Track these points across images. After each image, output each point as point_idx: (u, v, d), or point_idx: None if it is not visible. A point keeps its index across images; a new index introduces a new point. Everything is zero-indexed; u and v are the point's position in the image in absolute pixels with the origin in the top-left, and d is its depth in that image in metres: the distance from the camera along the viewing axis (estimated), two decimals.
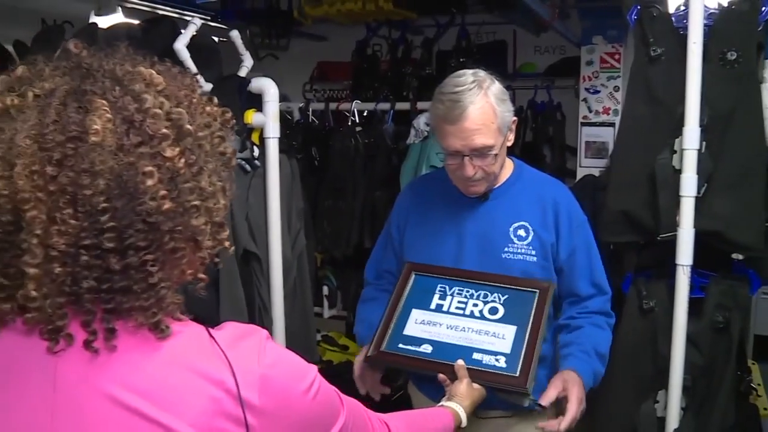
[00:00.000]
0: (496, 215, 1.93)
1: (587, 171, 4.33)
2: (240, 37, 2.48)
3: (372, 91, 4.41)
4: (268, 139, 2.23)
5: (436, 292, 1.89)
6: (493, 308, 1.85)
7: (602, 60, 4.38)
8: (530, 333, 1.78)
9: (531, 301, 1.83)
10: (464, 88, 1.78)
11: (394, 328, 1.86)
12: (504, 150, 1.89)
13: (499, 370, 1.74)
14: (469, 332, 1.81)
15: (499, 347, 1.78)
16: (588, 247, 1.97)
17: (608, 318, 1.99)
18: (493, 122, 1.79)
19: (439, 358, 1.78)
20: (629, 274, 2.59)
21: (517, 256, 1.90)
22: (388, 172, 3.44)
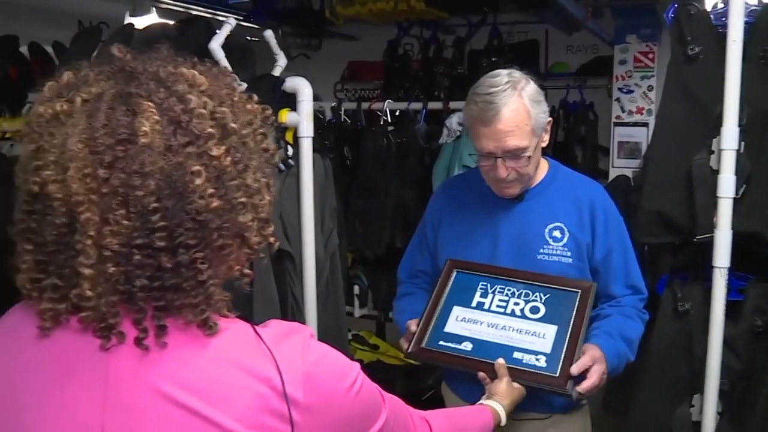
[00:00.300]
0: (531, 216, 1.92)
1: (620, 171, 4.29)
2: (274, 37, 2.48)
3: (403, 90, 4.41)
4: (302, 138, 2.22)
5: (478, 289, 1.88)
6: (534, 307, 1.84)
7: (636, 59, 4.34)
8: (571, 333, 1.77)
9: (573, 301, 1.82)
10: (498, 89, 1.76)
11: (435, 325, 1.86)
12: (538, 151, 1.87)
13: (539, 370, 1.74)
14: (510, 331, 1.81)
15: (539, 347, 1.77)
16: (624, 248, 1.95)
17: (641, 312, 1.96)
18: (526, 124, 1.77)
19: (479, 356, 1.78)
20: (664, 275, 2.56)
21: (552, 257, 1.89)
22: (420, 171, 3.43)
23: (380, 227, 3.46)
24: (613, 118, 4.46)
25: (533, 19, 4.74)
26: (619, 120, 4.43)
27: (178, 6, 4.20)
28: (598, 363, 1.76)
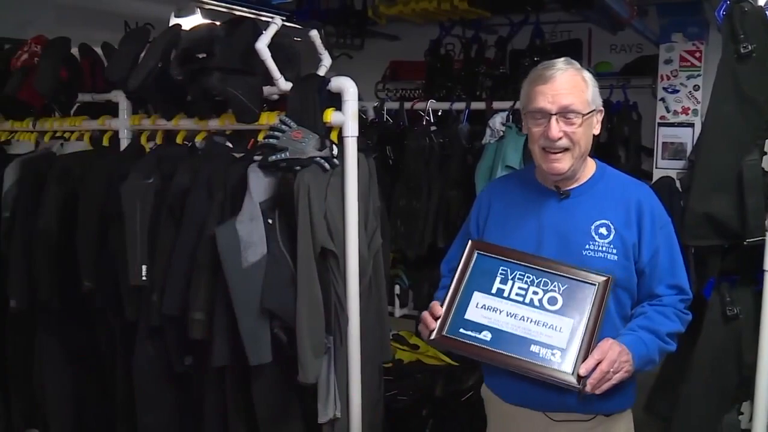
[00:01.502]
0: (577, 213, 1.91)
1: (664, 173, 4.23)
2: (319, 37, 2.48)
3: (445, 90, 4.39)
4: (347, 138, 2.22)
5: (498, 274, 1.89)
6: (552, 298, 1.84)
7: (682, 58, 4.27)
8: (587, 328, 1.78)
9: (590, 295, 1.82)
10: (557, 62, 1.88)
11: (456, 311, 1.88)
12: (590, 129, 1.89)
13: (555, 366, 1.76)
14: (528, 322, 1.82)
15: (555, 341, 1.79)
16: (670, 249, 1.92)
17: (681, 312, 1.92)
18: (583, 91, 1.85)
19: (497, 347, 1.81)
20: (711, 278, 2.50)
21: (598, 254, 1.86)
22: (462, 172, 3.41)
23: (422, 227, 3.45)
24: (658, 118, 4.39)
25: (576, 18, 4.69)
26: (664, 120, 4.37)
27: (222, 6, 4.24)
28: (607, 360, 1.74)
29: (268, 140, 2.17)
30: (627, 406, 1.96)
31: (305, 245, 2.10)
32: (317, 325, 2.11)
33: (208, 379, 2.28)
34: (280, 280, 2.11)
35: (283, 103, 2.32)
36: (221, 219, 2.17)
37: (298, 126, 2.18)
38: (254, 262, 2.10)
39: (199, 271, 2.18)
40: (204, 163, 2.31)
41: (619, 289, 1.87)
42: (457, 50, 4.88)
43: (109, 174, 2.45)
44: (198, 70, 2.27)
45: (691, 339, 2.48)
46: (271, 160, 2.15)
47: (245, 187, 2.15)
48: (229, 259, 2.09)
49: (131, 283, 2.31)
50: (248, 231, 2.11)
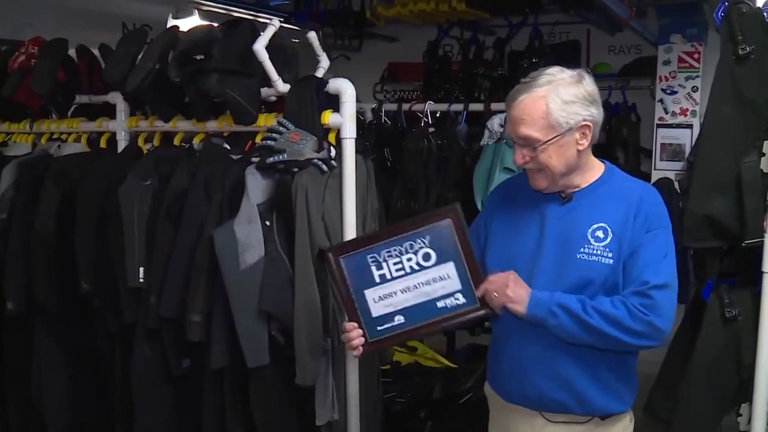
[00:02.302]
0: (576, 216, 1.89)
1: (662, 174, 4.23)
2: (317, 38, 2.48)
3: (443, 92, 4.40)
4: (345, 139, 2.22)
5: (370, 264, 1.90)
6: (425, 254, 1.89)
7: (680, 59, 4.27)
8: (466, 261, 1.87)
9: (450, 231, 1.87)
10: (532, 80, 1.83)
11: (364, 317, 1.90)
12: (562, 151, 1.84)
13: (463, 307, 1.88)
14: (422, 287, 1.89)
15: (451, 287, 1.88)
16: (655, 255, 1.82)
17: (634, 307, 1.76)
18: (542, 117, 1.80)
19: (414, 323, 1.89)
20: (710, 280, 2.50)
21: (592, 257, 1.84)
22: (461, 173, 3.42)
23: None
24: (656, 119, 4.39)
25: (575, 20, 4.70)
26: (662, 121, 4.37)
27: (220, 8, 4.24)
28: (492, 281, 1.85)
29: (266, 142, 2.18)
30: (622, 410, 1.94)
31: (303, 247, 2.10)
32: (315, 327, 2.12)
33: (206, 382, 2.28)
34: (278, 282, 2.11)
35: (281, 104, 2.32)
36: (219, 221, 2.18)
37: (295, 128, 2.18)
38: (252, 264, 2.10)
39: (197, 273, 2.18)
40: (202, 165, 2.31)
41: (603, 284, 1.82)
42: (455, 52, 4.88)
43: (107, 176, 2.45)
44: (196, 71, 2.27)
45: (690, 341, 2.49)
46: (269, 161, 2.15)
47: (243, 188, 2.16)
48: (226, 261, 2.09)
49: (129, 285, 2.31)
50: (246, 233, 2.11)
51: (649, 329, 1.77)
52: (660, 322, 1.78)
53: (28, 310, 2.60)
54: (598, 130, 1.90)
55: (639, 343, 1.80)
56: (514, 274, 1.85)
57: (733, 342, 2.39)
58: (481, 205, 3.19)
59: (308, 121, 2.21)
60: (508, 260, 1.94)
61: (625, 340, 1.78)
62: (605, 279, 1.82)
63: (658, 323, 1.77)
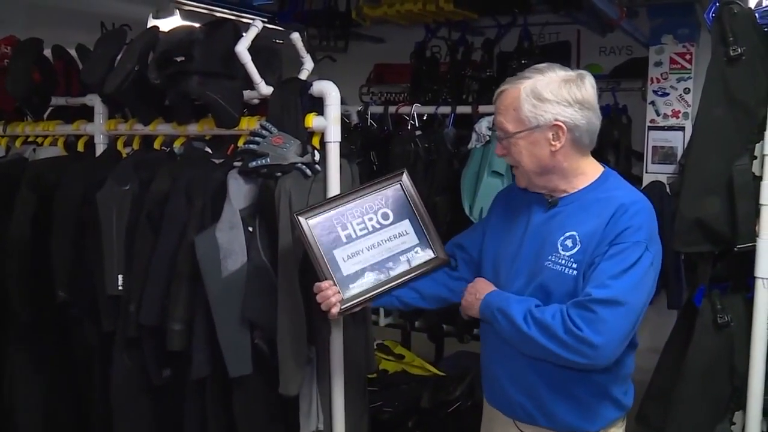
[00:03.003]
0: (555, 223, 1.89)
1: (654, 177, 4.25)
2: (300, 40, 2.48)
3: (431, 94, 4.39)
4: (329, 143, 2.22)
5: (336, 225, 2.05)
6: (384, 214, 2.11)
7: (672, 60, 4.28)
8: (420, 216, 2.14)
9: (401, 194, 2.14)
10: (522, 73, 1.89)
11: (337, 276, 2.02)
12: (532, 148, 1.85)
13: (424, 259, 2.11)
14: (385, 243, 2.09)
15: (410, 242, 2.11)
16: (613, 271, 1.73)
17: (569, 319, 1.71)
18: (515, 109, 1.84)
19: (383, 278, 2.07)
20: (702, 286, 2.51)
21: (557, 266, 1.82)
22: (448, 177, 3.41)
23: None
24: (648, 121, 4.41)
25: (565, 20, 4.71)
26: (654, 124, 4.38)
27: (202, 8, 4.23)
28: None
29: (249, 146, 2.18)
30: (594, 429, 1.90)
31: (286, 254, 2.10)
32: (299, 336, 2.11)
33: (188, 392, 2.27)
34: (261, 289, 2.11)
35: (264, 107, 2.32)
36: (200, 227, 2.17)
37: (279, 131, 2.18)
38: (234, 270, 2.10)
39: (178, 280, 2.18)
40: (182, 170, 2.31)
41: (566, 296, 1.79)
42: (443, 53, 4.88)
43: (85, 180, 2.44)
44: (176, 73, 2.27)
45: (682, 347, 2.50)
46: (252, 166, 2.15)
47: (225, 194, 2.16)
48: (208, 268, 2.09)
49: (107, 292, 2.30)
50: (228, 239, 2.11)
51: (579, 344, 1.70)
52: (597, 339, 1.69)
53: (1, 319, 2.58)
54: (586, 135, 1.86)
55: (570, 357, 1.72)
56: (481, 280, 1.97)
57: (725, 349, 2.41)
58: (468, 209, 3.20)
59: (292, 125, 2.21)
60: (494, 261, 1.98)
61: (558, 353, 1.73)
62: (567, 290, 1.79)
63: (594, 340, 1.69)
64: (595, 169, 1.93)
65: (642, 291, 1.76)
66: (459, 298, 2.10)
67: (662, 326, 2.94)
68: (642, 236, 1.77)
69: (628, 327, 1.74)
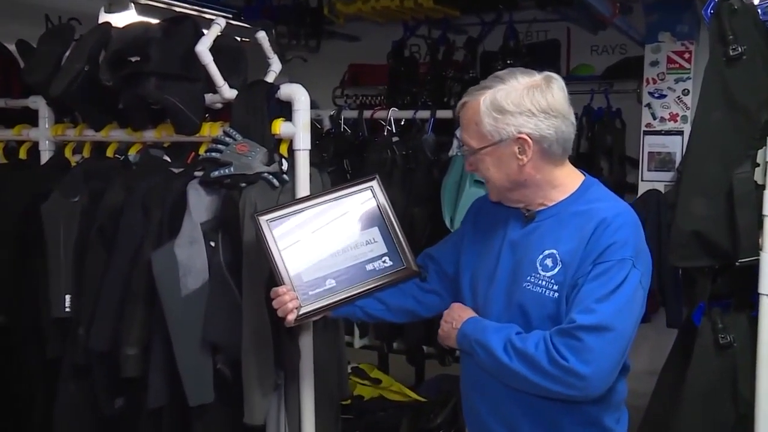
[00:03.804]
0: (533, 239, 1.87)
1: (651, 185, 4.27)
2: (267, 39, 2.49)
3: (409, 97, 4.42)
4: (298, 151, 2.23)
5: (299, 229, 2.07)
6: (351, 219, 2.13)
7: (669, 60, 4.31)
8: (390, 225, 2.15)
9: (371, 200, 2.16)
10: (484, 82, 1.86)
11: (296, 282, 2.02)
12: (499, 164, 1.84)
13: (392, 269, 2.12)
14: (350, 250, 2.10)
15: (378, 250, 2.13)
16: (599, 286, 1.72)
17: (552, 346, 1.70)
18: (476, 123, 1.83)
19: (345, 286, 2.07)
20: (701, 303, 2.53)
21: (536, 288, 1.81)
22: (427, 186, 3.42)
23: None
24: (643, 126, 4.43)
25: (554, 17, 4.75)
26: (650, 128, 4.41)
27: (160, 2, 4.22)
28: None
29: (211, 154, 2.18)
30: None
31: (252, 270, 2.10)
32: (266, 360, 2.12)
33: (143, 423, 2.26)
34: (224, 309, 2.11)
35: (227, 112, 2.33)
36: (158, 242, 2.17)
37: (243, 138, 2.19)
38: (195, 289, 2.10)
39: (133, 300, 2.17)
40: (138, 180, 2.30)
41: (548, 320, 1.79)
42: (422, 52, 4.92)
43: (28, 191, 2.42)
44: (131, 75, 2.27)
45: (681, 370, 2.51)
46: (214, 176, 2.15)
47: (185, 206, 2.15)
48: (166, 287, 2.09)
49: (53, 315, 2.28)
50: (188, 255, 2.11)
51: (566, 376, 1.69)
52: (584, 369, 1.67)
53: None
54: (557, 145, 1.83)
55: (557, 389, 1.72)
56: (457, 307, 1.96)
57: (728, 372, 2.42)
58: (449, 222, 3.21)
59: (257, 131, 2.22)
60: (472, 281, 1.98)
61: (544, 386, 1.72)
62: (548, 314, 1.79)
63: (581, 370, 1.67)
64: (575, 179, 1.92)
65: (631, 314, 1.75)
66: (428, 312, 2.17)
67: (661, 346, 2.96)
68: (628, 252, 1.75)
69: (617, 354, 1.73)
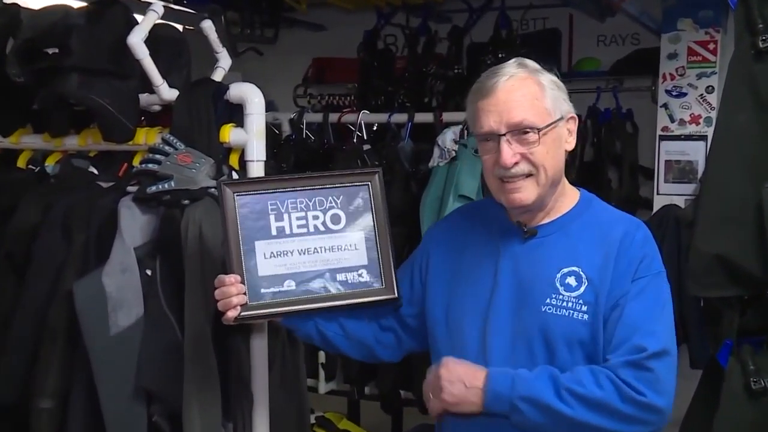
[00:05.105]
0: (543, 256, 1.91)
1: (668, 200, 4.28)
2: (214, 29, 2.48)
3: (384, 97, 4.42)
4: (251, 162, 2.23)
5: (270, 212, 2.05)
6: (334, 216, 2.09)
7: (691, 51, 4.30)
8: (379, 233, 2.10)
9: (366, 197, 2.11)
10: (505, 66, 1.90)
11: (249, 273, 2.00)
12: (557, 146, 1.90)
13: (367, 287, 2.08)
14: (323, 252, 2.07)
15: (356, 260, 2.09)
16: (645, 309, 1.83)
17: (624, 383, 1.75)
18: (537, 98, 1.86)
19: (306, 294, 2.04)
20: (728, 341, 2.54)
21: (561, 310, 1.85)
22: (404, 202, 3.43)
23: None
24: (659, 130, 4.45)
25: (553, 2, 4.79)
26: (667, 132, 4.41)
27: None
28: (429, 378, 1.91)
29: (147, 165, 2.17)
30: None
31: (196, 303, 2.09)
32: (211, 409, 2.10)
33: None
34: (162, 349, 2.11)
35: (167, 116, 2.32)
36: (82, 270, 2.16)
37: (186, 147, 2.19)
38: (127, 326, 2.10)
39: (49, 339, 2.16)
40: (58, 195, 2.30)
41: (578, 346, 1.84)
42: (399, 44, 4.94)
43: None
44: (48, 70, 2.26)
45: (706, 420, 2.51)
46: (151, 191, 2.15)
47: (115, 227, 2.15)
48: (91, 324, 2.08)
49: None
50: (118, 285, 2.10)
51: (645, 413, 1.75)
52: (660, 401, 1.76)
53: None
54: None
55: (631, 431, 1.77)
56: (446, 365, 1.88)
57: (762, 422, 2.42)
58: None
59: (203, 139, 2.22)
60: (455, 316, 1.97)
61: (614, 429, 1.76)
62: (580, 340, 1.83)
63: (658, 403, 1.75)
64: (573, 192, 2.00)
65: (674, 328, 1.87)
66: (385, 354, 2.17)
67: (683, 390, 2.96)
68: (659, 265, 1.89)
69: (674, 380, 1.82)
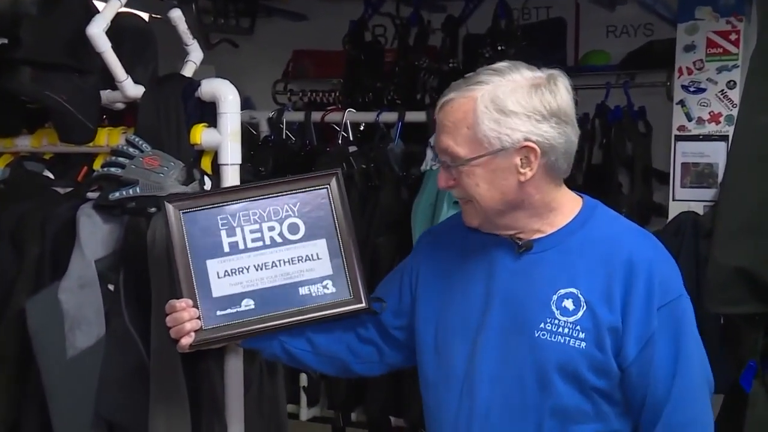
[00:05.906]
0: (537, 275, 1.91)
1: (685, 206, 4.27)
2: (183, 18, 2.48)
3: (372, 93, 4.43)
4: (225, 166, 2.23)
5: (220, 228, 2.05)
6: (292, 225, 2.10)
7: (710, 42, 4.29)
8: (342, 239, 2.11)
9: (326, 202, 2.12)
10: (473, 75, 1.90)
11: (202, 296, 2.02)
12: (497, 177, 1.87)
13: (333, 299, 2.10)
14: (282, 266, 2.08)
15: (320, 271, 2.10)
16: (677, 339, 1.86)
17: None
18: (467, 127, 1.84)
19: (266, 311, 2.06)
20: (752, 362, 2.54)
21: (556, 336, 1.85)
22: (394, 209, 3.44)
23: None
24: (675, 129, 4.45)
25: None
26: (684, 132, 4.42)
27: None
28: None
29: (110, 169, 2.17)
30: None
31: (163, 320, 2.08)
32: None
33: None
34: (125, 373, 2.12)
35: (132, 115, 2.32)
36: (35, 286, 2.16)
37: (153, 149, 2.19)
38: (86, 348, 2.10)
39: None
40: (8, 203, 2.31)
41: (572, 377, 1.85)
42: (389, 36, 4.95)
43: None
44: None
45: None
46: (114, 198, 2.15)
47: (73, 238, 2.15)
48: (46, 345, 2.08)
49: None
50: (77, 303, 2.10)
51: None
52: None
53: None
54: (564, 159, 1.89)
55: None
56: None
57: None
58: None
59: (171, 140, 2.22)
60: (443, 336, 1.99)
61: None
62: (575, 369, 1.83)
63: None
64: (574, 201, 1.98)
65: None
66: (362, 368, 2.20)
67: None
68: (680, 282, 1.92)
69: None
